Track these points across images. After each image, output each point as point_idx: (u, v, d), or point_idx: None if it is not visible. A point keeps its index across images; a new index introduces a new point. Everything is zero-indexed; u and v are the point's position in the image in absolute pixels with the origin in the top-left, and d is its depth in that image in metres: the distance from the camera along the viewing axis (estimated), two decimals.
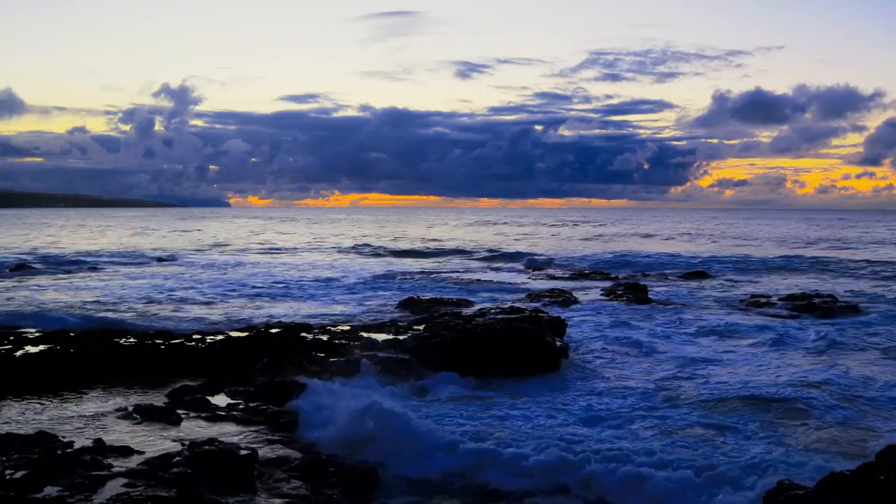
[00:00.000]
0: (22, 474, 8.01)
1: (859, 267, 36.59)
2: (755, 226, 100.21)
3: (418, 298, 23.78)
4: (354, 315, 21.54)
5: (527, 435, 10.33)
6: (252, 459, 8.82)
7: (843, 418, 11.34)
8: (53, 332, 16.15)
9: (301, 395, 11.28)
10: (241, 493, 8.27)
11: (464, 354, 14.22)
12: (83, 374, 13.16)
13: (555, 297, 24.77)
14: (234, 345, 14.96)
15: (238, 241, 63.88)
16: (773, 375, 14.19)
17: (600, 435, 10.48)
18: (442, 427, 10.36)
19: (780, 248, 52.62)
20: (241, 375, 12.98)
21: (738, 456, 9.53)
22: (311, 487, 8.52)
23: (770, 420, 11.32)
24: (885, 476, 6.55)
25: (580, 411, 11.79)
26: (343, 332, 17.26)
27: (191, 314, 21.43)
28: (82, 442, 9.34)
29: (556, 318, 16.98)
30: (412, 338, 15.80)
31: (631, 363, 15.48)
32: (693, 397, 12.64)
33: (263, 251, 50.82)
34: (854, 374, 13.92)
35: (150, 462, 8.62)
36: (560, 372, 14.40)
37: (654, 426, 11.01)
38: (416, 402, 12.33)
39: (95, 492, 7.82)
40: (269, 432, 10.34)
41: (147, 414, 10.97)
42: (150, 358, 14.09)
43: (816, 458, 9.34)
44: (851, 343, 17.30)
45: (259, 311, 22.35)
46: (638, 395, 12.81)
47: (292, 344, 14.88)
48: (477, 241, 63.96)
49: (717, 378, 14.07)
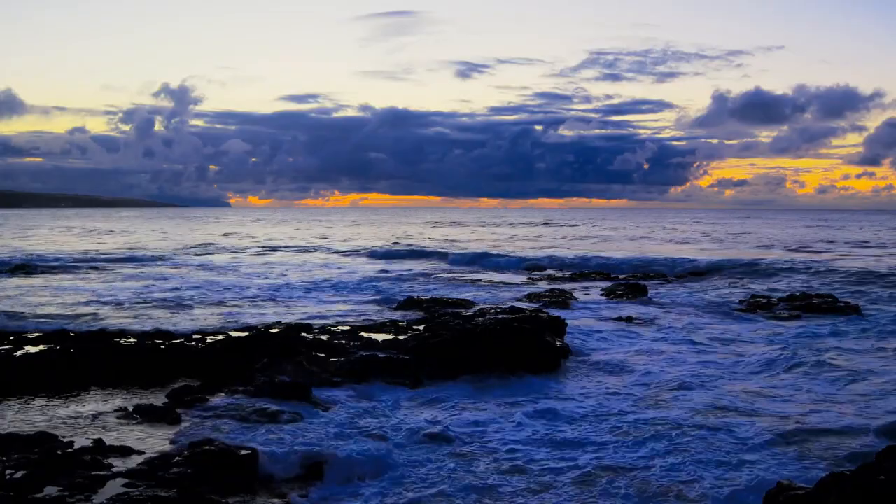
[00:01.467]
0: (22, 474, 8.01)
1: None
2: (755, 226, 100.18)
3: (418, 298, 23.79)
4: (354, 315, 21.54)
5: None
6: (252, 459, 8.82)
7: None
8: (53, 332, 16.16)
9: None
10: (241, 493, 8.27)
11: (463, 355, 14.22)
12: (83, 374, 13.15)
13: (554, 297, 24.79)
14: (234, 345, 14.95)
15: (238, 241, 63.86)
16: (776, 376, 14.19)
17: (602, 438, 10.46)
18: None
19: (780, 248, 52.58)
20: (241, 375, 12.97)
21: (736, 455, 9.54)
22: (311, 486, 8.53)
23: (772, 420, 11.32)
24: (885, 476, 6.54)
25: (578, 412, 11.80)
26: (343, 332, 17.27)
27: (190, 314, 21.43)
28: (82, 442, 9.34)
29: (557, 318, 16.98)
30: (412, 338, 15.80)
31: (631, 364, 15.46)
32: (695, 399, 12.64)
33: (263, 251, 50.81)
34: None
35: (150, 462, 8.62)
36: (560, 372, 14.40)
37: (654, 427, 11.01)
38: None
39: (95, 492, 7.83)
40: (269, 432, 10.33)
41: (147, 414, 10.97)
42: (150, 358, 14.08)
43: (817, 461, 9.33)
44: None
45: (259, 311, 22.34)
46: (639, 396, 12.81)
47: (292, 344, 14.87)
48: (477, 241, 63.92)
49: (720, 381, 14.07)
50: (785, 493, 7.17)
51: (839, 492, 6.63)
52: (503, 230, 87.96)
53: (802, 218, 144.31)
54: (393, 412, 11.69)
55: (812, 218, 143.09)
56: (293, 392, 11.78)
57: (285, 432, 10.20)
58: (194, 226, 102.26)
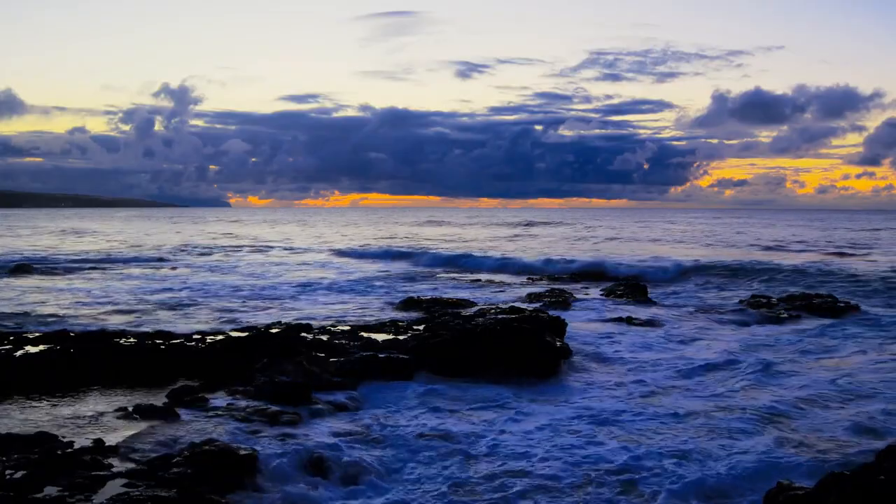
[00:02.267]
0: (22, 474, 8.00)
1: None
2: (755, 226, 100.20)
3: (418, 298, 23.79)
4: (354, 315, 21.55)
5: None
6: (252, 459, 8.82)
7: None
8: (53, 333, 16.14)
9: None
10: (241, 493, 8.27)
11: (463, 355, 14.23)
12: (83, 374, 13.13)
13: (554, 297, 24.79)
14: (234, 345, 14.94)
15: (237, 241, 63.86)
16: (776, 377, 14.19)
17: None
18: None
19: (779, 249, 52.59)
20: (241, 375, 12.97)
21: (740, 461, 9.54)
22: (311, 487, 8.53)
23: (773, 422, 11.33)
24: (885, 476, 6.55)
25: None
26: (343, 332, 17.26)
27: (190, 314, 21.44)
28: (82, 442, 9.33)
29: (557, 318, 16.98)
30: (412, 338, 15.80)
31: (631, 364, 15.47)
32: (696, 401, 12.65)
33: (263, 251, 50.81)
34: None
35: (150, 462, 8.62)
36: (560, 372, 14.41)
37: (655, 428, 11.02)
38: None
39: (95, 492, 7.81)
40: (269, 432, 10.33)
41: (147, 414, 10.96)
42: (150, 358, 14.06)
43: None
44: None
45: (259, 311, 22.36)
46: (639, 397, 12.82)
47: (292, 344, 14.86)
48: (478, 241, 63.92)
49: (720, 383, 14.08)
50: (785, 492, 7.18)
51: (839, 492, 6.64)
52: (487, 231, 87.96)
53: (800, 217, 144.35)
54: (393, 413, 11.69)
55: (811, 217, 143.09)
56: (293, 392, 11.77)
57: (285, 432, 10.21)
58: (194, 226, 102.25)
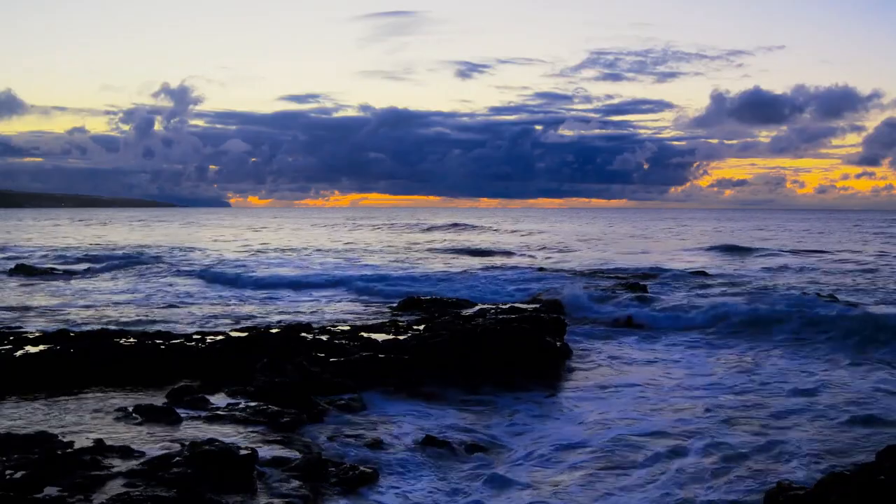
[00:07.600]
0: (22, 474, 7.99)
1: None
2: (755, 225, 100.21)
3: (418, 298, 23.78)
4: (354, 315, 21.55)
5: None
6: (252, 459, 8.81)
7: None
8: (53, 333, 16.13)
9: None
10: (241, 493, 8.26)
11: (463, 355, 14.22)
12: (83, 374, 13.12)
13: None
14: (234, 345, 14.93)
15: (237, 241, 63.85)
16: (777, 376, 14.19)
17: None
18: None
19: (780, 248, 52.61)
20: (241, 375, 12.96)
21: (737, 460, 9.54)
22: (311, 487, 8.52)
23: (775, 423, 11.33)
24: (885, 476, 6.55)
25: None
26: (343, 332, 17.24)
27: (190, 314, 21.44)
28: (82, 442, 9.32)
29: (557, 319, 16.98)
30: (412, 338, 15.79)
31: (631, 365, 15.47)
32: (695, 399, 12.64)
33: (262, 251, 50.81)
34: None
35: (150, 462, 8.61)
36: (561, 373, 14.42)
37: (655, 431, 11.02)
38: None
39: (95, 492, 7.81)
40: (269, 432, 10.33)
41: (147, 414, 10.95)
42: (150, 358, 14.05)
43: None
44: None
45: (258, 311, 22.35)
46: (639, 398, 12.81)
47: (292, 344, 14.86)
48: (478, 241, 63.91)
49: (719, 381, 14.07)
50: (785, 493, 7.18)
51: (839, 492, 6.63)
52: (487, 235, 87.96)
53: (795, 217, 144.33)
54: (392, 414, 11.69)
55: (809, 218, 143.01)
56: (293, 393, 11.77)
57: (285, 433, 10.20)
58: (194, 226, 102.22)
